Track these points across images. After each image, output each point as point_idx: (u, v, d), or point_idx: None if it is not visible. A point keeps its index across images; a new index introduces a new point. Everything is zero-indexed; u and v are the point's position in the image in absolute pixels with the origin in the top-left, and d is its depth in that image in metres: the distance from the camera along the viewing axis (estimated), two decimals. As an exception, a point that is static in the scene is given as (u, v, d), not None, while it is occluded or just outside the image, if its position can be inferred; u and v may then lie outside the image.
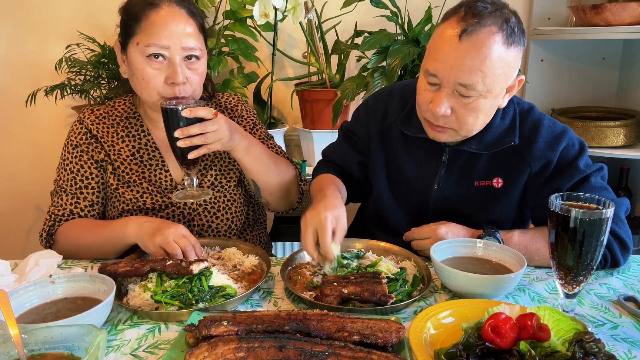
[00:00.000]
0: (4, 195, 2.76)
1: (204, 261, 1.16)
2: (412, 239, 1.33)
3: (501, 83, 1.19)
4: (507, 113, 1.33)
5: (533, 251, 1.27)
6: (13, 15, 2.53)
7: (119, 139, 1.45)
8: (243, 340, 0.87)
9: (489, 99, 1.20)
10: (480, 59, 1.13)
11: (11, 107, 2.62)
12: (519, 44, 1.18)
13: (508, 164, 1.34)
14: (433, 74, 1.19)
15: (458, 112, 1.21)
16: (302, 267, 1.28)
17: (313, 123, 2.37)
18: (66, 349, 0.87)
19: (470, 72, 1.14)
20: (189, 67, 1.33)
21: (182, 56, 1.31)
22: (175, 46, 1.29)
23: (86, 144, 1.45)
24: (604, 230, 0.94)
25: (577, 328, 0.86)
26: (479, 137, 1.31)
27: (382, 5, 2.13)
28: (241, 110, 1.57)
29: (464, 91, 1.17)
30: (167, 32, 1.29)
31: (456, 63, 1.15)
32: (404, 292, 1.14)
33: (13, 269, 1.23)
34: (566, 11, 2.53)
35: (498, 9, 1.16)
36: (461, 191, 1.37)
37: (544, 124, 1.32)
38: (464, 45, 1.14)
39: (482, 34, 1.13)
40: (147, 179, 1.45)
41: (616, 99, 2.66)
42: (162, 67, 1.31)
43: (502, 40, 1.14)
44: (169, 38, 1.29)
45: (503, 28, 1.14)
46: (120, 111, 1.49)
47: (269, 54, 2.44)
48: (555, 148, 1.30)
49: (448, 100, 1.19)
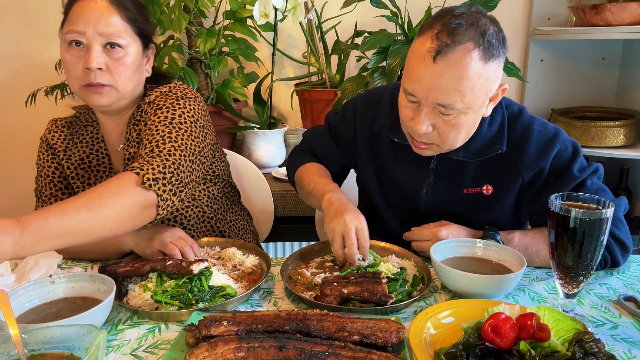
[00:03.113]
0: (4, 195, 2.77)
1: (204, 261, 1.16)
2: (412, 239, 1.33)
3: (482, 98, 1.16)
4: (495, 119, 1.30)
5: (533, 253, 1.26)
6: (13, 15, 2.54)
7: (72, 145, 1.47)
8: (243, 340, 0.87)
9: (470, 114, 1.17)
10: (457, 79, 1.10)
11: (11, 107, 2.62)
12: (498, 56, 1.14)
13: (498, 171, 1.31)
14: (411, 94, 1.17)
15: (440, 129, 1.19)
16: (302, 267, 1.28)
17: (313, 123, 2.37)
18: (66, 349, 0.87)
19: (447, 93, 1.11)
20: (110, 56, 1.30)
21: (100, 43, 1.29)
22: (92, 32, 1.28)
23: (49, 150, 1.47)
24: (604, 230, 0.94)
25: (577, 328, 0.86)
26: (466, 145, 1.28)
27: (382, 5, 2.13)
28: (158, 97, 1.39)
29: (444, 110, 1.15)
30: (83, 18, 1.28)
31: (432, 84, 1.12)
32: (404, 292, 1.14)
33: (13, 269, 1.23)
34: (566, 11, 2.53)
35: (474, 22, 1.11)
36: (451, 198, 1.36)
37: (534, 129, 1.28)
38: (439, 65, 1.10)
39: (457, 53, 1.09)
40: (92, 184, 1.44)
41: (616, 99, 2.66)
42: (81, 54, 1.30)
43: (479, 57, 1.10)
44: (85, 24, 1.28)
45: (480, 43, 1.09)
46: (82, 120, 1.50)
47: (269, 54, 2.44)
48: (547, 154, 1.26)
49: (429, 118, 1.17)
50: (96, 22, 1.28)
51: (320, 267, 1.29)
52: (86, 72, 1.30)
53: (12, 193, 2.76)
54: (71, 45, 1.30)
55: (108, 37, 1.29)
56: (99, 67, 1.28)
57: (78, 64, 1.30)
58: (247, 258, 1.30)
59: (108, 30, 1.29)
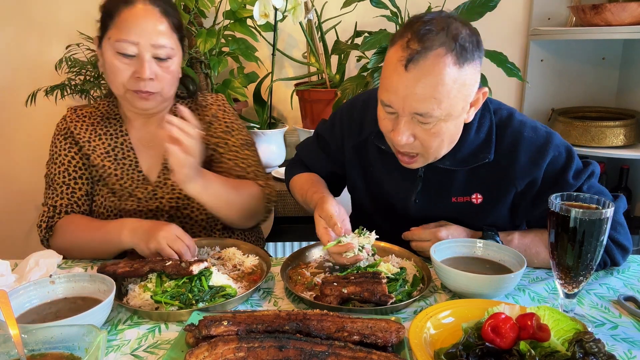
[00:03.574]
0: (4, 195, 2.76)
1: (204, 261, 1.16)
2: (412, 239, 1.33)
3: (460, 103, 1.13)
4: (483, 125, 1.26)
5: (533, 254, 1.26)
6: (13, 15, 2.53)
7: (96, 136, 1.48)
8: (243, 340, 0.87)
9: (451, 122, 1.14)
10: (432, 86, 1.07)
11: (11, 107, 2.62)
12: (473, 59, 1.10)
13: (488, 180, 1.28)
14: (388, 105, 1.15)
15: (421, 138, 1.16)
16: (302, 267, 1.28)
17: (313, 123, 2.37)
18: (66, 349, 0.87)
19: (423, 101, 1.09)
20: (159, 65, 1.35)
21: (151, 53, 1.33)
22: (145, 43, 1.31)
23: (70, 137, 1.48)
24: (604, 230, 0.94)
25: (577, 328, 0.86)
26: (453, 153, 1.25)
27: (382, 5, 2.13)
28: (216, 110, 1.54)
29: (422, 119, 1.12)
30: (138, 29, 1.31)
31: (407, 93, 1.09)
32: (404, 292, 1.14)
33: (13, 269, 1.23)
34: (566, 11, 2.53)
35: (444, 27, 1.08)
36: (440, 206, 1.34)
37: (525, 136, 1.24)
38: (412, 73, 1.08)
39: (429, 60, 1.06)
40: (119, 177, 1.46)
41: (616, 99, 2.66)
42: (131, 62, 1.33)
43: (452, 62, 1.07)
44: (138, 35, 1.31)
45: (452, 48, 1.07)
46: (102, 111, 1.51)
47: (269, 54, 2.44)
48: (540, 164, 1.23)
49: (408, 128, 1.15)
50: (149, 34, 1.32)
51: (320, 267, 1.29)
52: (135, 79, 1.34)
53: (12, 193, 2.76)
54: (120, 53, 1.32)
55: (160, 49, 1.33)
56: (150, 77, 1.33)
57: (127, 71, 1.34)
58: (247, 258, 1.30)
59: (160, 42, 1.33)
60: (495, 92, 2.08)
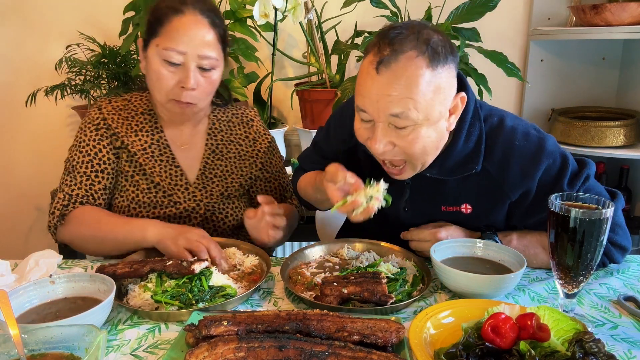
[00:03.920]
0: (4, 195, 2.77)
1: (204, 261, 1.16)
2: (411, 239, 1.33)
3: (437, 107, 1.10)
4: (472, 134, 1.23)
5: (531, 255, 1.25)
6: (13, 15, 2.53)
7: (132, 132, 1.46)
8: (243, 340, 0.87)
9: (429, 127, 1.11)
10: (405, 87, 1.06)
11: (11, 107, 2.62)
12: (446, 63, 1.09)
13: (479, 190, 1.26)
14: (363, 110, 1.13)
15: (400, 145, 1.13)
16: (302, 267, 1.28)
17: (313, 123, 2.37)
18: (66, 349, 0.88)
19: (398, 102, 1.07)
20: (202, 75, 1.36)
21: (197, 63, 1.34)
22: (192, 53, 1.32)
23: (104, 128, 1.45)
24: (604, 230, 0.94)
25: (577, 328, 0.86)
26: (440, 162, 1.23)
27: (382, 5, 2.13)
28: (257, 126, 1.61)
29: (399, 122, 1.09)
30: (186, 38, 1.32)
31: (381, 95, 1.08)
32: (404, 292, 1.14)
33: (13, 269, 1.23)
34: (566, 11, 2.53)
35: (415, 32, 1.07)
36: (429, 215, 1.33)
37: (517, 145, 1.21)
38: (384, 76, 1.07)
39: (400, 62, 1.06)
40: (158, 174, 1.46)
41: (616, 99, 2.66)
42: (177, 71, 1.34)
43: (424, 64, 1.06)
44: (186, 44, 1.31)
45: (424, 50, 1.06)
46: (137, 105, 1.50)
47: (269, 54, 2.44)
48: (533, 174, 1.20)
49: (385, 135, 1.12)
50: (197, 45, 1.32)
51: (320, 267, 1.29)
52: (178, 89, 1.35)
53: (12, 193, 2.76)
54: (167, 61, 1.33)
55: (205, 59, 1.34)
56: (194, 87, 1.34)
57: (171, 80, 1.35)
58: (247, 258, 1.30)
59: (206, 53, 1.34)
60: (495, 92, 2.09)
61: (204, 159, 1.51)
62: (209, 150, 1.52)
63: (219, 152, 1.53)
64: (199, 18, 1.34)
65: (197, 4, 1.35)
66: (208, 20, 1.35)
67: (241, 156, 1.56)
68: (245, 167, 1.56)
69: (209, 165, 1.51)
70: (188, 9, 1.33)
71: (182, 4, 1.34)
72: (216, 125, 1.56)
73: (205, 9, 1.36)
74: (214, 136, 1.54)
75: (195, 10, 1.34)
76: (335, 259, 1.33)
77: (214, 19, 1.36)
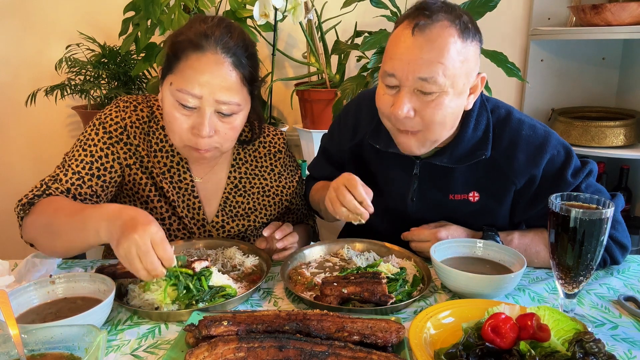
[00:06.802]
0: (4, 195, 2.76)
1: (204, 261, 1.16)
2: (411, 239, 1.33)
3: (462, 79, 1.15)
4: (480, 123, 1.27)
5: (532, 254, 1.26)
6: (13, 15, 2.54)
7: (152, 152, 1.34)
8: (243, 340, 0.87)
9: (452, 97, 1.15)
10: (437, 51, 1.11)
11: (11, 107, 2.62)
12: (474, 40, 1.16)
13: (486, 178, 1.29)
14: (391, 74, 1.15)
15: (422, 113, 1.15)
16: (302, 267, 1.28)
17: (313, 123, 2.37)
18: (66, 349, 0.88)
19: (429, 65, 1.11)
20: (221, 120, 1.22)
21: (214, 108, 1.20)
22: (208, 97, 1.19)
23: (120, 138, 1.31)
24: (604, 230, 0.94)
25: (577, 328, 0.86)
26: (450, 150, 1.26)
27: (382, 5, 2.13)
28: (285, 158, 1.50)
29: (426, 87, 1.12)
30: (202, 80, 1.17)
31: (413, 58, 1.12)
32: (404, 292, 1.14)
33: (13, 269, 1.23)
34: (566, 11, 2.53)
35: (448, 7, 1.15)
36: (437, 205, 1.34)
37: (523, 135, 1.25)
38: (418, 40, 1.12)
39: (435, 28, 1.11)
40: (177, 203, 1.36)
41: (616, 99, 2.66)
42: (191, 114, 1.21)
43: (457, 34, 1.12)
44: (202, 87, 1.17)
45: (456, 23, 1.12)
46: (158, 116, 1.36)
47: (269, 54, 2.44)
48: (539, 162, 1.24)
49: (409, 101, 1.15)
50: (214, 89, 1.18)
51: (320, 267, 1.29)
52: (194, 134, 1.21)
53: (12, 193, 2.76)
54: (180, 103, 1.20)
55: (224, 105, 1.20)
56: (210, 135, 1.21)
57: (185, 123, 1.21)
58: (247, 258, 1.30)
59: (224, 99, 1.19)
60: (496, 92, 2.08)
61: (225, 194, 1.42)
62: (231, 184, 1.42)
63: (241, 186, 1.43)
64: (220, 58, 1.18)
65: (220, 41, 1.19)
66: (232, 60, 1.20)
67: (265, 192, 1.45)
68: (270, 206, 1.46)
69: (230, 201, 1.42)
70: (210, 46, 1.18)
71: (205, 38, 1.18)
72: (241, 156, 1.44)
73: (231, 46, 1.20)
74: (237, 168, 1.43)
75: (217, 48, 1.19)
76: (335, 259, 1.33)
77: (239, 58, 1.21)
